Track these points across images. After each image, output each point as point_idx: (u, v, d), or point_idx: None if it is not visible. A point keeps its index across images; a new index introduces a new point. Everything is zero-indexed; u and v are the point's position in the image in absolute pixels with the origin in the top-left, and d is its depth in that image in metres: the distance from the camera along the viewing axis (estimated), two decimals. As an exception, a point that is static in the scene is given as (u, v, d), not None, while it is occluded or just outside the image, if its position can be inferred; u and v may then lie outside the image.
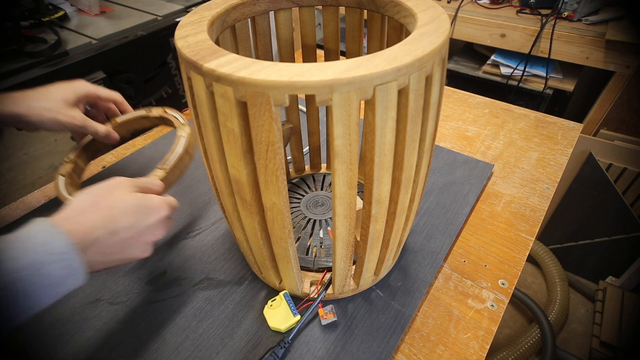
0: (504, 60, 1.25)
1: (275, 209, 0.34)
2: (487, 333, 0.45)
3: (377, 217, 0.37)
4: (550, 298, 1.27)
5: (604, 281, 1.29)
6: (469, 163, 0.68)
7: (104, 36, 1.05)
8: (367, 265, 0.44)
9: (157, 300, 0.49)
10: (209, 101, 0.31)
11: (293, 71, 0.26)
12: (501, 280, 0.51)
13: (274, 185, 0.32)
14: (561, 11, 1.12)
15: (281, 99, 0.27)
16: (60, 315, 0.47)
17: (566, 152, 0.71)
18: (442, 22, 0.33)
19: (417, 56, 0.28)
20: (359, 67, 0.26)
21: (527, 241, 0.56)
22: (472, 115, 0.82)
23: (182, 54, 0.30)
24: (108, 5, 1.25)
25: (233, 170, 0.34)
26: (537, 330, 1.15)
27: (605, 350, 1.11)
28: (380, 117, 0.29)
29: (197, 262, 0.53)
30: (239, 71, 0.27)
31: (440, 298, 0.49)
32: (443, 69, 0.33)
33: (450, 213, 0.59)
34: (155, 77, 1.23)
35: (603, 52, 1.04)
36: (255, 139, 0.30)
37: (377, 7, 0.42)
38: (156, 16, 1.17)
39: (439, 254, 0.53)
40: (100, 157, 0.74)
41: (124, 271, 0.52)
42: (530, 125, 0.78)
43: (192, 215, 0.61)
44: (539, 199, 0.62)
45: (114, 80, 1.05)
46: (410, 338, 0.45)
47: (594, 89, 1.22)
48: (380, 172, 0.33)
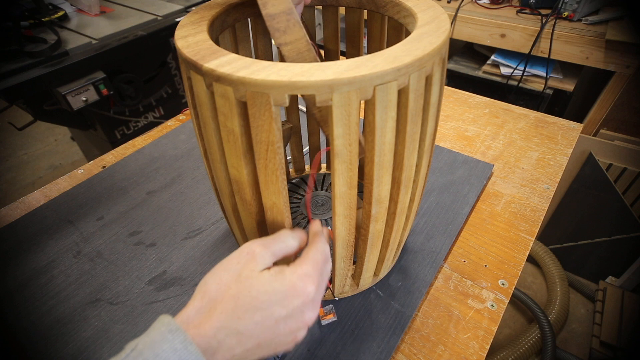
0: (504, 60, 1.25)
1: (275, 209, 0.34)
2: (487, 333, 0.45)
3: (377, 217, 0.37)
4: (550, 298, 1.27)
5: (604, 281, 1.29)
6: (469, 163, 0.68)
7: (104, 36, 1.05)
8: (367, 265, 0.44)
9: (157, 300, 0.49)
10: (209, 101, 0.31)
11: (293, 71, 0.26)
12: (501, 280, 0.51)
13: (274, 185, 0.32)
14: (561, 11, 1.12)
15: (281, 99, 0.27)
16: (60, 315, 0.47)
17: (566, 152, 0.71)
18: (442, 22, 0.33)
19: (417, 56, 0.28)
20: (359, 67, 0.26)
21: (527, 241, 0.56)
22: (472, 115, 0.82)
23: (182, 54, 0.30)
24: (108, 5, 1.25)
25: (233, 170, 0.34)
26: (537, 330, 1.15)
27: (605, 350, 1.11)
28: (380, 117, 0.29)
29: (197, 262, 0.53)
30: (239, 71, 0.27)
31: (440, 298, 0.49)
32: (443, 69, 0.33)
33: (450, 213, 0.59)
34: (155, 77, 1.23)
35: (603, 52, 1.04)
36: (255, 139, 0.30)
37: (377, 7, 0.42)
38: (156, 16, 1.17)
39: (439, 254, 0.53)
40: (100, 157, 0.74)
41: (124, 271, 0.52)
42: (530, 125, 0.78)
43: (192, 215, 0.61)
44: (539, 199, 0.62)
45: (114, 80, 1.05)
46: (410, 338, 0.45)
47: (594, 89, 1.22)
48: (380, 172, 0.33)
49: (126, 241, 0.57)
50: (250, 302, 0.27)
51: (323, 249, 0.32)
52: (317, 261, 0.30)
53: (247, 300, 0.27)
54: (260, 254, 0.29)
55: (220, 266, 0.29)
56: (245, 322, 0.26)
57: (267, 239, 0.31)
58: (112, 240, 0.57)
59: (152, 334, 0.25)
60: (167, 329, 0.25)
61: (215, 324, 0.26)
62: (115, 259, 0.54)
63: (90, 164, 0.73)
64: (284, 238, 0.31)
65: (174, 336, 0.24)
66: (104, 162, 0.73)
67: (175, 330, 0.25)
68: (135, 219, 0.60)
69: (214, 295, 0.27)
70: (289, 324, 0.28)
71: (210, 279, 0.28)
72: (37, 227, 0.60)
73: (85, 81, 0.95)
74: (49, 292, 0.50)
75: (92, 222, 0.60)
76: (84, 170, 0.71)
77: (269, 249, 0.30)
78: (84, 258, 0.55)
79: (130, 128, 1.24)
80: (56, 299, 0.49)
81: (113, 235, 0.58)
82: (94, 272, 0.53)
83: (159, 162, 0.72)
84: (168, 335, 0.24)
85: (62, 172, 1.83)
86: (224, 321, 0.26)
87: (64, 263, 0.54)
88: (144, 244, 0.56)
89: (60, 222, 0.60)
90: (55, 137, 2.18)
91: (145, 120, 1.27)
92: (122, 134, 1.22)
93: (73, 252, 0.56)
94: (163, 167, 0.70)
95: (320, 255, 0.31)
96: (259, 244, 0.30)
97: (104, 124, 1.17)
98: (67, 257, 0.55)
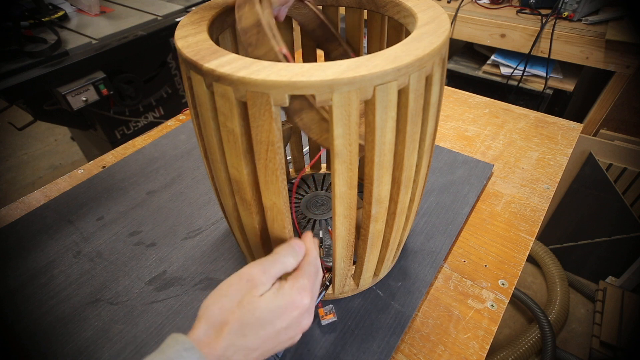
0: (504, 60, 1.25)
1: (275, 209, 0.34)
2: (487, 333, 0.45)
3: (377, 217, 0.37)
4: (550, 298, 1.27)
5: (604, 281, 1.29)
6: (469, 163, 0.68)
7: (104, 36, 1.05)
8: (367, 265, 0.44)
9: (157, 300, 0.49)
10: (209, 101, 0.31)
11: (293, 71, 0.26)
12: (501, 280, 0.51)
13: (274, 185, 0.32)
14: (561, 11, 1.12)
15: (281, 99, 0.27)
16: (60, 315, 0.48)
17: (566, 152, 0.71)
18: (442, 22, 0.33)
19: (417, 56, 0.28)
20: (359, 67, 0.26)
21: (527, 241, 0.56)
22: (472, 115, 0.82)
23: (182, 54, 0.30)
24: (108, 5, 1.25)
25: (233, 170, 0.34)
26: (537, 330, 1.15)
27: (605, 350, 1.11)
28: (380, 117, 0.29)
29: (197, 262, 0.53)
30: (239, 71, 0.27)
31: (440, 298, 0.49)
32: (443, 69, 0.33)
33: (450, 213, 0.59)
34: (155, 77, 1.23)
35: (603, 52, 1.04)
36: (255, 139, 0.30)
37: (377, 7, 0.42)
38: (156, 16, 1.17)
39: (439, 254, 0.53)
40: (100, 157, 0.74)
41: (124, 271, 0.53)
42: (530, 125, 0.78)
43: (192, 215, 0.61)
44: (539, 199, 0.62)
45: (114, 80, 1.05)
46: (410, 338, 0.45)
47: (594, 89, 1.22)
48: (380, 172, 0.33)
49: (126, 241, 0.57)
50: (255, 322, 0.29)
51: (315, 262, 0.34)
52: (310, 273, 0.33)
53: (251, 321, 0.29)
54: (261, 281, 0.30)
55: (219, 292, 0.30)
56: (251, 339, 0.29)
57: (266, 261, 0.32)
58: (112, 240, 0.57)
59: (168, 351, 0.26)
60: (182, 347, 0.27)
61: (223, 343, 0.28)
62: (115, 259, 0.54)
63: (90, 164, 0.73)
64: (283, 259, 0.33)
65: (189, 354, 0.26)
66: (104, 162, 0.73)
67: (190, 348, 0.27)
68: (135, 219, 0.60)
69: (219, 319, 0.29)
70: (289, 332, 0.31)
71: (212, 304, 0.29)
72: (37, 227, 0.60)
73: (85, 81, 0.95)
74: (49, 292, 0.50)
75: (92, 222, 0.60)
76: (84, 170, 0.71)
77: (268, 274, 0.31)
78: (84, 258, 0.55)
79: (130, 128, 1.24)
80: (56, 299, 0.49)
81: (113, 235, 0.58)
82: (94, 272, 0.53)
83: (159, 162, 0.72)
84: (184, 353, 0.26)
85: (62, 172, 1.83)
86: (232, 340, 0.28)
87: (64, 263, 0.54)
88: (144, 244, 0.56)
89: (60, 222, 0.60)
90: (55, 137, 2.18)
91: (145, 120, 1.27)
92: (122, 134, 1.22)
93: (73, 252, 0.56)
94: (163, 167, 0.70)
95: (313, 267, 0.34)
96: (259, 270, 0.31)
97: (104, 124, 1.16)
98: (67, 257, 0.55)
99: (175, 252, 0.55)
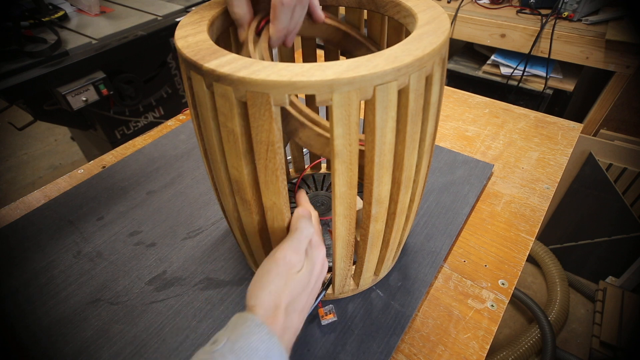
0: (504, 60, 1.25)
1: (275, 209, 0.34)
2: (487, 333, 0.45)
3: (377, 217, 0.37)
4: (550, 298, 1.27)
5: (604, 281, 1.29)
6: (469, 163, 0.68)
7: (104, 36, 1.05)
8: (367, 265, 0.44)
9: (157, 300, 0.49)
10: (209, 101, 0.31)
11: (293, 71, 0.26)
12: (501, 280, 0.51)
13: (274, 185, 0.32)
14: (561, 11, 1.12)
15: (281, 99, 0.27)
16: (60, 315, 0.48)
17: (566, 152, 0.71)
18: (442, 22, 0.33)
19: (417, 56, 0.28)
20: (359, 67, 0.26)
21: (527, 241, 0.56)
22: (472, 115, 0.82)
23: (182, 54, 0.30)
24: (108, 5, 1.25)
25: (233, 170, 0.34)
26: (537, 330, 1.15)
27: (605, 350, 1.11)
28: (380, 117, 0.29)
29: (197, 262, 0.53)
30: (239, 71, 0.27)
31: (440, 298, 0.49)
32: (443, 69, 0.33)
33: (450, 213, 0.59)
34: (155, 77, 1.23)
35: (603, 52, 1.04)
36: (255, 139, 0.30)
37: (377, 7, 0.42)
38: (156, 16, 1.17)
39: (439, 254, 0.53)
40: (100, 157, 0.74)
41: (124, 271, 0.53)
42: (530, 125, 0.78)
43: (192, 215, 0.61)
44: (539, 199, 0.62)
45: (114, 80, 1.05)
46: (410, 338, 0.45)
47: (594, 89, 1.22)
48: (380, 172, 0.33)
49: (126, 241, 0.57)
50: (301, 292, 0.34)
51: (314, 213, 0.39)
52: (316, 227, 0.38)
53: (298, 293, 0.34)
54: (297, 260, 0.34)
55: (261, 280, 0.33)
56: (301, 303, 0.34)
57: (294, 241, 0.35)
58: (112, 240, 0.57)
59: (239, 328, 0.29)
60: (253, 323, 0.30)
61: (281, 319, 0.32)
62: (115, 259, 0.54)
63: (90, 164, 0.73)
64: (305, 232, 0.36)
65: (259, 329, 0.30)
66: (104, 162, 0.73)
67: (261, 324, 0.30)
68: (135, 219, 0.60)
69: (272, 304, 0.32)
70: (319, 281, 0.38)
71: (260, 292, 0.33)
72: (37, 227, 0.60)
73: (85, 81, 0.95)
74: (49, 292, 0.50)
75: (92, 222, 0.60)
76: (84, 170, 0.71)
77: (300, 252, 0.35)
78: (84, 258, 0.55)
79: (130, 128, 1.24)
80: (56, 299, 0.49)
81: (113, 235, 0.58)
82: (94, 272, 0.53)
83: (159, 162, 0.72)
84: (255, 328, 0.30)
85: (62, 172, 1.83)
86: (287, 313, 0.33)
87: (64, 263, 0.54)
88: (144, 244, 0.56)
89: (60, 222, 0.60)
90: (55, 137, 2.18)
91: (145, 120, 1.27)
92: (122, 134, 1.22)
93: (73, 252, 0.56)
94: (163, 167, 0.70)
95: (315, 219, 0.39)
96: (292, 252, 0.34)
97: (104, 124, 1.16)
98: (67, 257, 0.55)
99: (175, 252, 0.55)
